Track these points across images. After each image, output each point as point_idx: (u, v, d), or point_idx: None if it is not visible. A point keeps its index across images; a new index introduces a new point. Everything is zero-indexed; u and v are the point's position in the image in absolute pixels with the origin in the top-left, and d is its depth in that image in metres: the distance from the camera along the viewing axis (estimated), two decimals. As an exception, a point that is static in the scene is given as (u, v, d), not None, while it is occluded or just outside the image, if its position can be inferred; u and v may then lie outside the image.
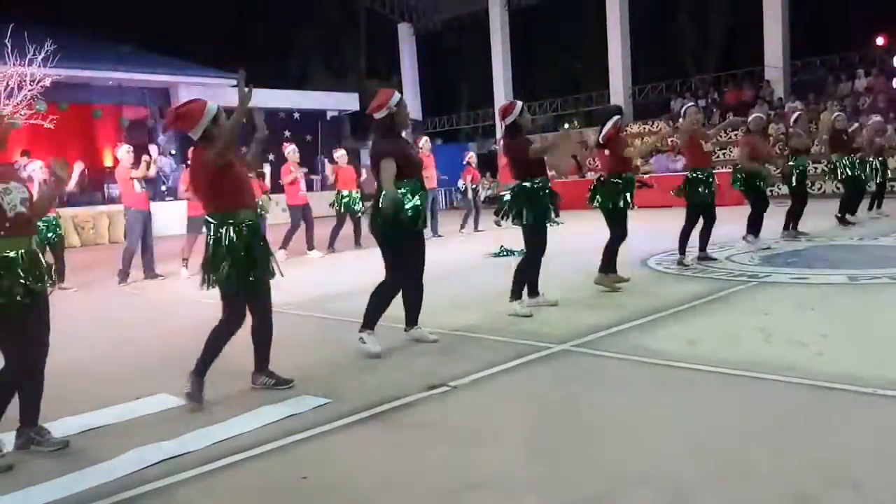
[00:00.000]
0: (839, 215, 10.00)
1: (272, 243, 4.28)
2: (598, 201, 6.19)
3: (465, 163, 13.67)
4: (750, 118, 8.54)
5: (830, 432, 2.94)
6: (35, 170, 7.88)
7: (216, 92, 22.12)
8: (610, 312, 5.31)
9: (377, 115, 4.55)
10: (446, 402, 3.60)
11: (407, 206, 4.39)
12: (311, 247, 10.58)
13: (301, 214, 10.55)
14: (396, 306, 6.20)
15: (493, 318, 5.38)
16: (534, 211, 5.31)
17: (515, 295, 5.46)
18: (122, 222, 18.34)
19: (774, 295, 5.74)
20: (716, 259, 7.32)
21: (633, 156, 6.49)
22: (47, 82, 15.05)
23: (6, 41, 14.54)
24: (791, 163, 9.04)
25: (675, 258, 7.25)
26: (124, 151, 8.84)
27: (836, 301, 5.41)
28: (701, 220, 7.12)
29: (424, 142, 12.03)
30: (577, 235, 8.15)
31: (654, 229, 9.26)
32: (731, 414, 3.20)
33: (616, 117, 6.43)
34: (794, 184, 9.03)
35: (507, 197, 5.47)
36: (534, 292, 5.64)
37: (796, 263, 7.13)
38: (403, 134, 4.76)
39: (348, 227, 11.16)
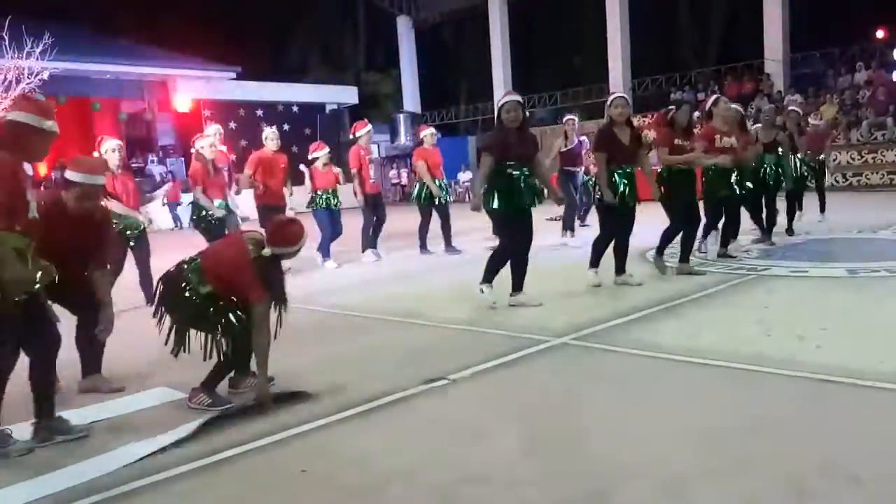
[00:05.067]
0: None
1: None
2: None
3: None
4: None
5: (829, 425, 2.94)
6: (113, 149, 6.20)
7: (215, 85, 22.15)
8: (609, 306, 5.31)
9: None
10: (445, 396, 3.60)
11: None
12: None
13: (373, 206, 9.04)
14: (390, 302, 6.21)
15: (492, 312, 5.39)
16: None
17: (593, 264, 6.07)
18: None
19: (773, 288, 5.73)
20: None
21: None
22: (45, 75, 15.02)
23: (4, 34, 14.52)
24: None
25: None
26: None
27: (835, 294, 5.41)
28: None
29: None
30: (579, 228, 8.14)
31: (652, 223, 9.24)
32: (730, 407, 3.20)
33: (684, 106, 6.58)
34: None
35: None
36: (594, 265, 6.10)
37: (795, 257, 7.13)
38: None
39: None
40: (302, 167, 8.90)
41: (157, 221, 8.89)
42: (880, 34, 21.32)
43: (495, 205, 5.35)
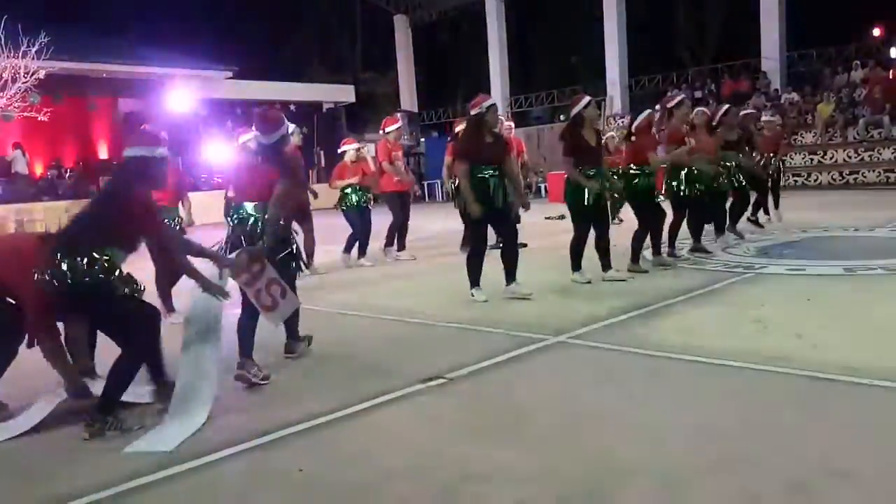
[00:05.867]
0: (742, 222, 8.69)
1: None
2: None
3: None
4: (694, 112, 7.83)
5: (826, 423, 2.95)
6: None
7: (212, 85, 22.10)
8: (606, 304, 5.31)
9: (472, 112, 5.59)
10: (443, 395, 3.60)
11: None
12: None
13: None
14: (388, 300, 6.21)
15: (489, 311, 5.39)
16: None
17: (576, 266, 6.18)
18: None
19: (771, 286, 5.74)
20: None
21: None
22: (41, 75, 14.96)
23: (0, 33, 14.45)
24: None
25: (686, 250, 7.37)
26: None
27: (832, 292, 5.41)
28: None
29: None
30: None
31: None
32: (728, 405, 3.20)
33: (648, 111, 6.74)
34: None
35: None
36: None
37: (792, 255, 7.14)
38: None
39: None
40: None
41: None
42: (877, 32, 21.38)
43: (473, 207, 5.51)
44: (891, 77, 17.59)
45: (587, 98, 6.14)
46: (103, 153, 21.80)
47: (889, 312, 4.65)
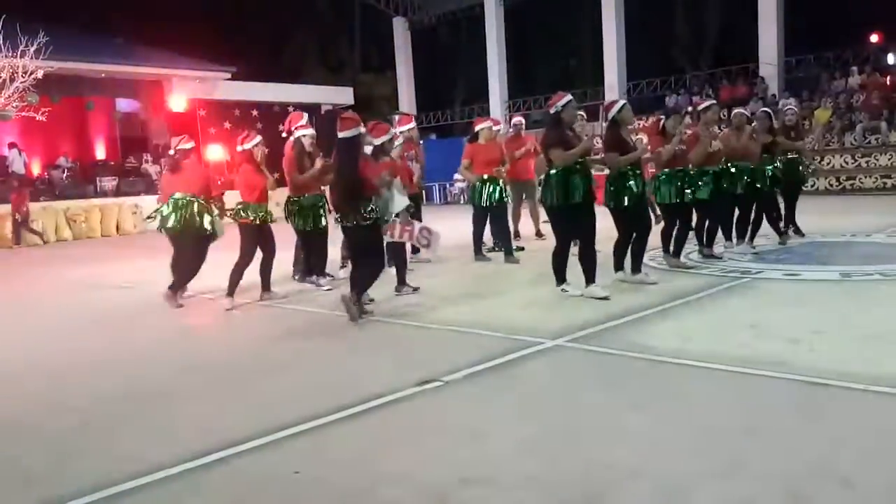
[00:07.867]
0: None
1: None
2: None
3: None
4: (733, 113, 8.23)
5: (823, 429, 2.94)
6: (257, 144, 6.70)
7: (210, 85, 22.09)
8: (603, 308, 5.31)
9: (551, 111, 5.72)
10: (439, 398, 3.59)
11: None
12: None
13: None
14: (383, 303, 6.20)
15: (485, 314, 5.38)
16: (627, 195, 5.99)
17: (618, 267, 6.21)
18: (113, 216, 18.35)
19: (767, 291, 5.75)
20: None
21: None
22: (39, 74, 14.94)
23: (-2, 33, 14.43)
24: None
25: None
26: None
27: (829, 297, 5.42)
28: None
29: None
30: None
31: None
32: (724, 410, 3.20)
33: (662, 118, 6.93)
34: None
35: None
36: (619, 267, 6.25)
37: (789, 260, 7.15)
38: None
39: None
40: None
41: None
42: (874, 38, 21.43)
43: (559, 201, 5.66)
44: (888, 83, 17.62)
45: (621, 102, 6.26)
46: (101, 153, 21.77)
47: (886, 318, 4.65)
